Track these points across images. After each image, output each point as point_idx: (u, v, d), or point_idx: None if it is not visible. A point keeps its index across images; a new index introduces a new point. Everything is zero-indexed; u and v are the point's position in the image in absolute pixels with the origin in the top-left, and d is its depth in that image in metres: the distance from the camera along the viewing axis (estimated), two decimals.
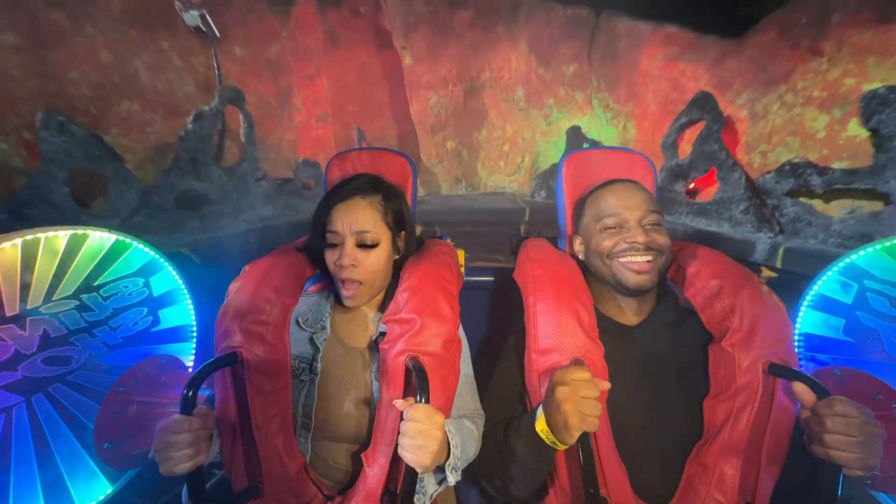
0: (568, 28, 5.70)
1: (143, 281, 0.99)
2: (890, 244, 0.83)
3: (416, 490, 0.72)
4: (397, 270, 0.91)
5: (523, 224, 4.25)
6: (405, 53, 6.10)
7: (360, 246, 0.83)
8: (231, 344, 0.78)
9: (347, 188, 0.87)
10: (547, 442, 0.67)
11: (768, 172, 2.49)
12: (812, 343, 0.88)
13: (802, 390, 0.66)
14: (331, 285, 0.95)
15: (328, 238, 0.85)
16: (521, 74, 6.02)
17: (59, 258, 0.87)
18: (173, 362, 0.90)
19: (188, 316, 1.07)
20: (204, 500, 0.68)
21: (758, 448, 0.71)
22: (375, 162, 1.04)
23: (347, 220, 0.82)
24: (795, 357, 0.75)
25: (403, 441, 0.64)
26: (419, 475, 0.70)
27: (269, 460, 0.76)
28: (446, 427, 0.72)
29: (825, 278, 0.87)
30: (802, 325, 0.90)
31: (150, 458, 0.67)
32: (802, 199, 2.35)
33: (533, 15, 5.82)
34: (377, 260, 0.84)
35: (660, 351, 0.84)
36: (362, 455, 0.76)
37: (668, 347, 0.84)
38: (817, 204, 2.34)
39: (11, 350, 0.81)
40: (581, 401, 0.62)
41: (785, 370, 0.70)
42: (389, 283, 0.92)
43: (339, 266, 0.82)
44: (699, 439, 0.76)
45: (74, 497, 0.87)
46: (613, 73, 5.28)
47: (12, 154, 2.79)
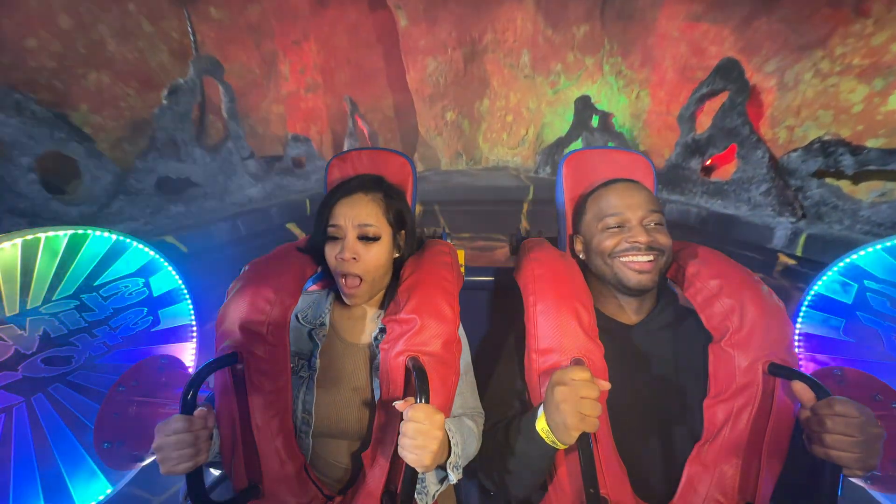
0: None
1: (143, 281, 1.04)
2: (890, 244, 0.87)
3: (417, 490, 0.78)
4: (397, 270, 0.97)
5: (526, 202, 4.25)
6: (400, 14, 5.93)
7: (362, 239, 0.88)
8: (231, 344, 0.83)
9: (350, 185, 0.94)
10: (547, 441, 0.73)
11: (794, 150, 2.43)
12: (812, 343, 0.93)
13: (802, 390, 0.70)
14: (331, 284, 1.01)
15: (330, 232, 0.90)
16: (527, 36, 5.85)
17: (59, 258, 0.91)
18: (173, 362, 0.96)
19: (188, 316, 1.13)
20: (204, 500, 0.73)
21: (758, 448, 0.76)
22: (375, 162, 1.11)
23: (350, 215, 0.89)
24: (795, 357, 0.80)
25: (403, 441, 0.67)
26: (420, 475, 0.75)
27: (269, 460, 0.81)
28: (446, 426, 0.77)
29: (825, 278, 0.91)
30: (802, 325, 0.95)
31: (150, 457, 0.73)
32: (829, 181, 2.29)
33: None
34: (378, 256, 0.90)
35: (659, 350, 0.90)
36: (362, 455, 0.82)
37: (667, 346, 0.90)
38: (844, 186, 2.28)
39: (11, 350, 0.86)
40: (580, 401, 0.67)
41: (785, 370, 0.74)
42: (389, 283, 0.99)
43: (340, 260, 0.88)
44: (699, 439, 0.81)
45: (74, 497, 0.93)
46: (628, 34, 5.11)
47: None
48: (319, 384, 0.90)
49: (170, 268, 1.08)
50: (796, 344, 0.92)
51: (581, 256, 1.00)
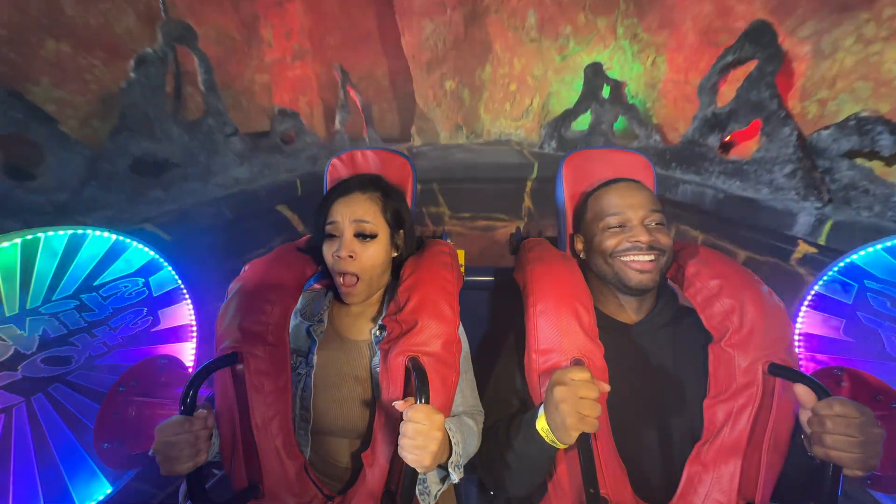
0: None
1: (143, 281, 1.09)
2: (890, 244, 0.90)
3: (420, 491, 0.81)
4: (397, 270, 1.01)
5: (530, 180, 4.24)
6: None
7: (359, 236, 0.92)
8: (231, 344, 0.87)
9: (348, 184, 0.98)
10: (547, 441, 0.76)
11: (826, 128, 2.26)
12: (812, 343, 0.96)
13: (802, 391, 0.73)
14: (332, 283, 1.05)
15: (327, 229, 0.95)
16: None
17: (59, 258, 0.95)
18: (173, 362, 0.99)
19: (188, 316, 1.18)
20: (204, 500, 0.76)
21: (758, 448, 0.79)
22: (375, 161, 1.17)
23: (347, 212, 0.93)
24: (795, 357, 0.83)
25: (403, 441, 0.70)
26: (421, 476, 0.79)
27: (268, 460, 0.85)
28: (447, 425, 0.80)
29: (825, 278, 0.94)
30: (802, 325, 0.98)
31: (150, 458, 0.76)
32: (860, 162, 2.13)
33: None
34: (375, 254, 0.94)
35: (659, 349, 0.94)
36: (362, 455, 0.85)
37: (667, 346, 0.94)
38: (877, 167, 2.12)
39: (11, 350, 0.89)
40: (579, 401, 0.70)
41: (785, 370, 0.77)
42: (389, 283, 1.03)
43: (337, 258, 0.92)
44: (699, 439, 0.84)
45: (74, 497, 0.97)
46: None
47: None
48: (317, 380, 0.93)
49: (170, 268, 1.12)
50: (796, 344, 0.95)
51: (581, 256, 1.04)
